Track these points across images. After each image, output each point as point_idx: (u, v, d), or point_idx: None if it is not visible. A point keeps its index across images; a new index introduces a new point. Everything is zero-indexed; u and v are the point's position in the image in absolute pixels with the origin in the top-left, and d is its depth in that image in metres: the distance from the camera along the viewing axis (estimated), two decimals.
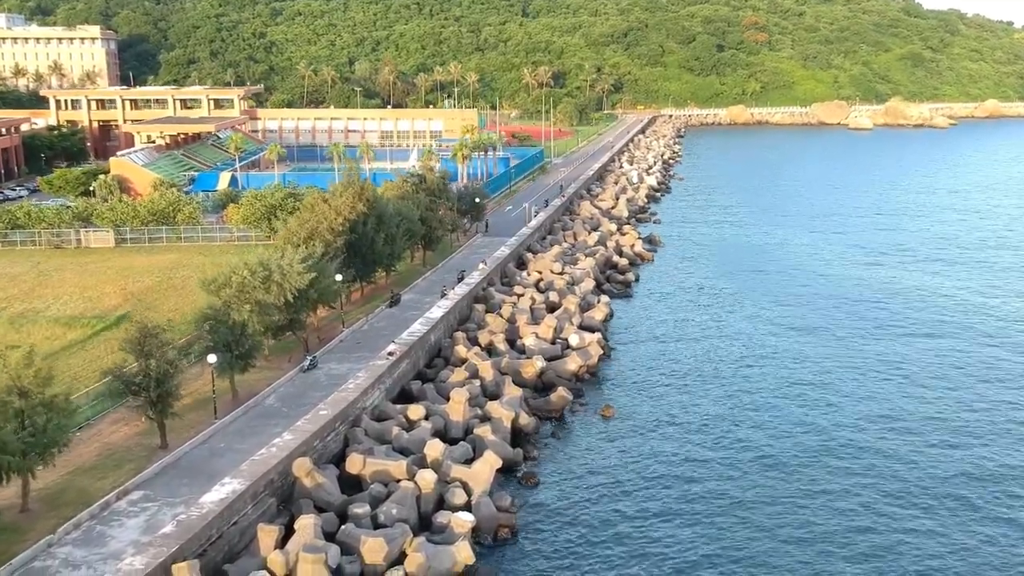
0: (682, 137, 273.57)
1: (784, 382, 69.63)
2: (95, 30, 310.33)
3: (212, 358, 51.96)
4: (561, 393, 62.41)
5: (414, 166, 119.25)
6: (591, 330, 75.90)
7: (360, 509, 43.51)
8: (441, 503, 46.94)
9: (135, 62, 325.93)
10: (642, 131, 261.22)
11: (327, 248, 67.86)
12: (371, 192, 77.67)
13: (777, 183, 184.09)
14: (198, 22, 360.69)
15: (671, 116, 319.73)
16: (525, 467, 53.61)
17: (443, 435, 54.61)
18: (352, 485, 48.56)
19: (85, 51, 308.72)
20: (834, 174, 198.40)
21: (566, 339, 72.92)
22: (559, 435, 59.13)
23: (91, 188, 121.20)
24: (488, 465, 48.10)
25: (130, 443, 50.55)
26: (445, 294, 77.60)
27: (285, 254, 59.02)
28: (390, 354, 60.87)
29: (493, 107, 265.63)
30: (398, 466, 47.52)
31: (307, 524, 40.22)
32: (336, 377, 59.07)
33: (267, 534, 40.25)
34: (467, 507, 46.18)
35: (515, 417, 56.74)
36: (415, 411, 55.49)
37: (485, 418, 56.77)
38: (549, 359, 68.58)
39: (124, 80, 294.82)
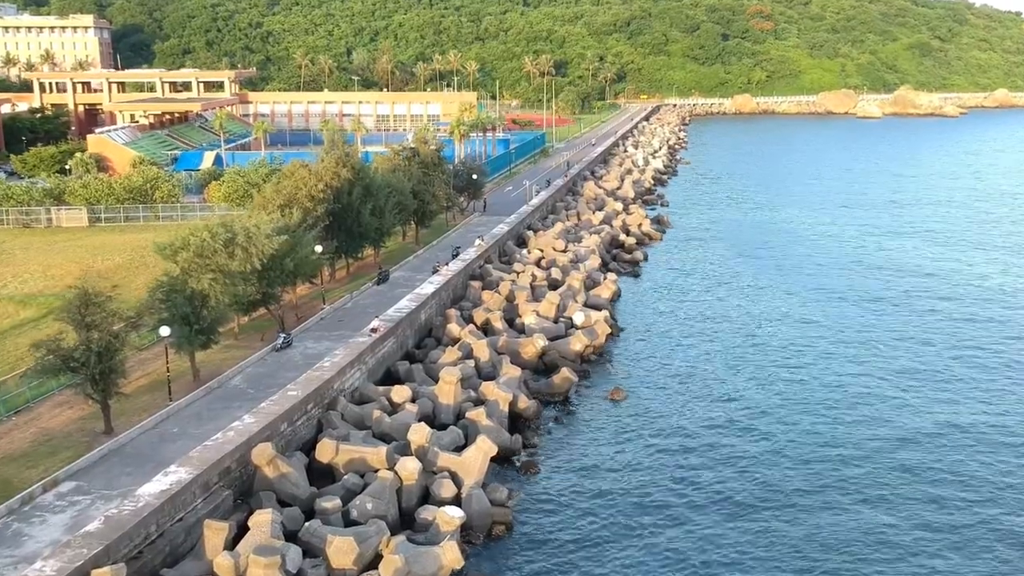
0: (687, 125, 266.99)
1: (800, 356, 64.64)
2: (88, 19, 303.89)
3: (165, 331, 45.42)
4: (565, 374, 55.83)
5: (407, 139, 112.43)
6: (597, 308, 69.39)
7: (329, 503, 36.92)
8: (426, 496, 40.34)
9: (129, 52, 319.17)
10: (646, 118, 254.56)
11: (306, 216, 61.27)
12: (357, 159, 71.10)
13: (785, 167, 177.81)
14: (193, 12, 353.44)
15: (675, 105, 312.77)
16: (524, 455, 47.07)
17: (431, 420, 48.13)
18: (325, 476, 42.07)
19: (78, 40, 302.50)
20: (844, 158, 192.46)
21: (570, 317, 66.34)
22: (563, 420, 52.61)
23: (67, 167, 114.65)
24: (481, 453, 41.49)
25: (71, 428, 44.07)
26: (437, 270, 71.02)
27: (252, 216, 52.41)
28: (373, 331, 54.34)
29: (493, 97, 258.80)
30: (376, 453, 40.92)
31: (262, 521, 33.71)
32: (312, 357, 52.42)
33: (215, 532, 33.71)
34: (456, 501, 39.55)
35: (513, 400, 50.10)
36: (400, 393, 48.92)
37: (479, 401, 50.12)
38: (551, 338, 61.98)
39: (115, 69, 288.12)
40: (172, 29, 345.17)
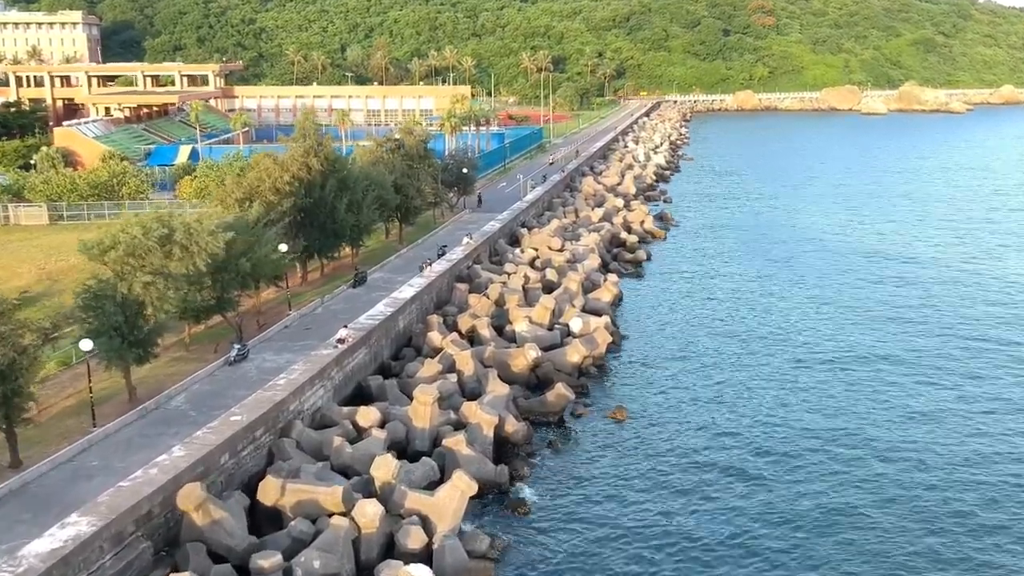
0: (688, 121, 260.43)
1: (821, 359, 59.22)
2: (76, 15, 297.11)
3: (86, 344, 38.50)
4: (560, 390, 48.84)
5: (392, 130, 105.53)
6: (597, 313, 62.44)
7: (266, 560, 29.99)
8: (390, 548, 33.40)
9: (119, 49, 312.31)
10: (646, 114, 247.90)
11: (269, 210, 54.40)
12: (330, 149, 64.22)
13: (790, 163, 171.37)
14: (185, 8, 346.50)
15: (676, 102, 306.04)
16: (512, 491, 40.05)
17: (403, 447, 41.27)
18: (272, 520, 35.15)
19: (66, 36, 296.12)
20: (849, 154, 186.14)
21: (566, 324, 59.45)
22: (557, 445, 45.60)
23: (32, 162, 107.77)
24: (458, 492, 34.56)
25: None
26: (422, 269, 64.15)
27: (198, 211, 45.56)
28: (340, 341, 47.50)
29: (489, 93, 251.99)
30: (330, 494, 33.93)
31: None
32: (269, 371, 45.52)
33: None
34: (426, 553, 32.65)
35: (499, 423, 43.11)
36: (366, 415, 42.00)
37: (459, 424, 43.21)
38: (545, 348, 55.10)
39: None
40: (163, 25, 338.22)
